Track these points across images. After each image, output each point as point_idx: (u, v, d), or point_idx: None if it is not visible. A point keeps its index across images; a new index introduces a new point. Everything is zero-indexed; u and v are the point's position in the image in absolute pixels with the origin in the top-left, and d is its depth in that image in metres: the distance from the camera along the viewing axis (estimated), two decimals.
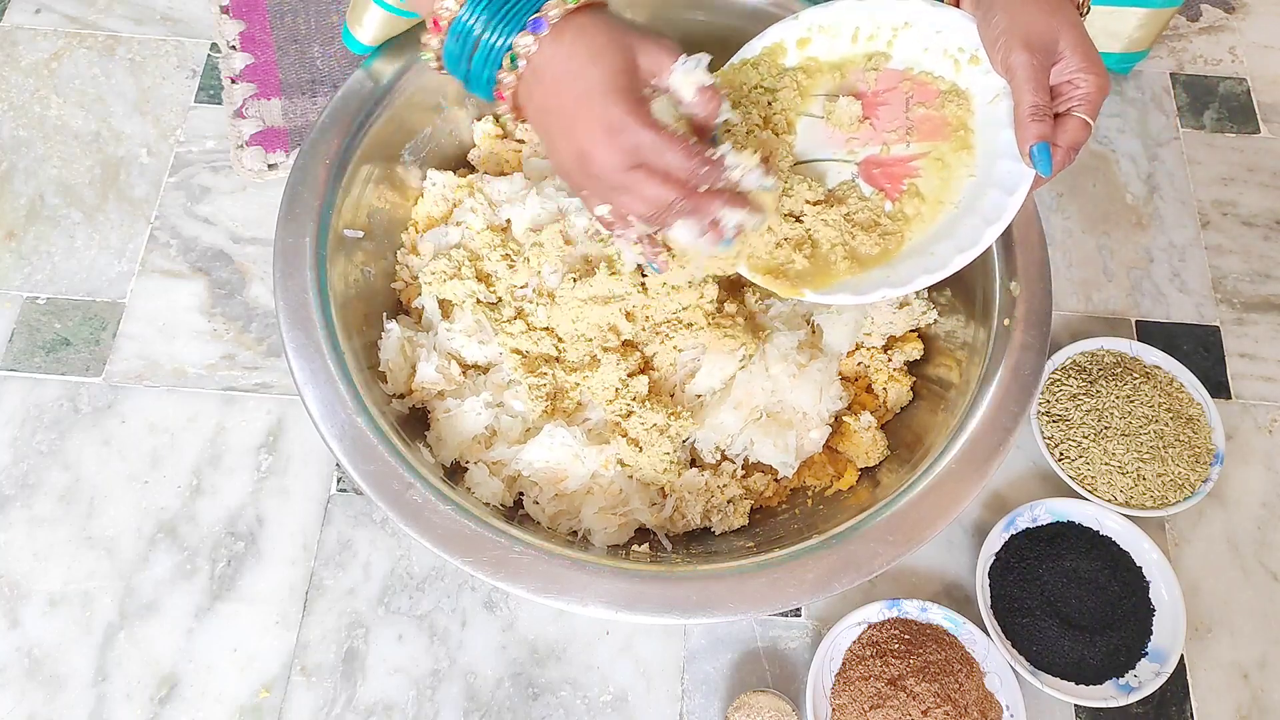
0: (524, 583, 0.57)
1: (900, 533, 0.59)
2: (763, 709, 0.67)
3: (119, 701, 0.70)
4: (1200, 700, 0.72)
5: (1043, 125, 0.55)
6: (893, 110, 0.64)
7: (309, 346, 0.62)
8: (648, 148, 0.51)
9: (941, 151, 0.62)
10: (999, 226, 0.57)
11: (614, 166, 0.52)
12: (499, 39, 0.52)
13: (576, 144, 0.52)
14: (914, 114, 0.63)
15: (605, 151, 0.51)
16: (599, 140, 0.51)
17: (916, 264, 0.59)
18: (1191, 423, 0.78)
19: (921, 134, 0.63)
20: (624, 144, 0.51)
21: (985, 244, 0.57)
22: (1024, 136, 0.56)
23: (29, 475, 0.77)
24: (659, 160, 0.52)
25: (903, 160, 0.63)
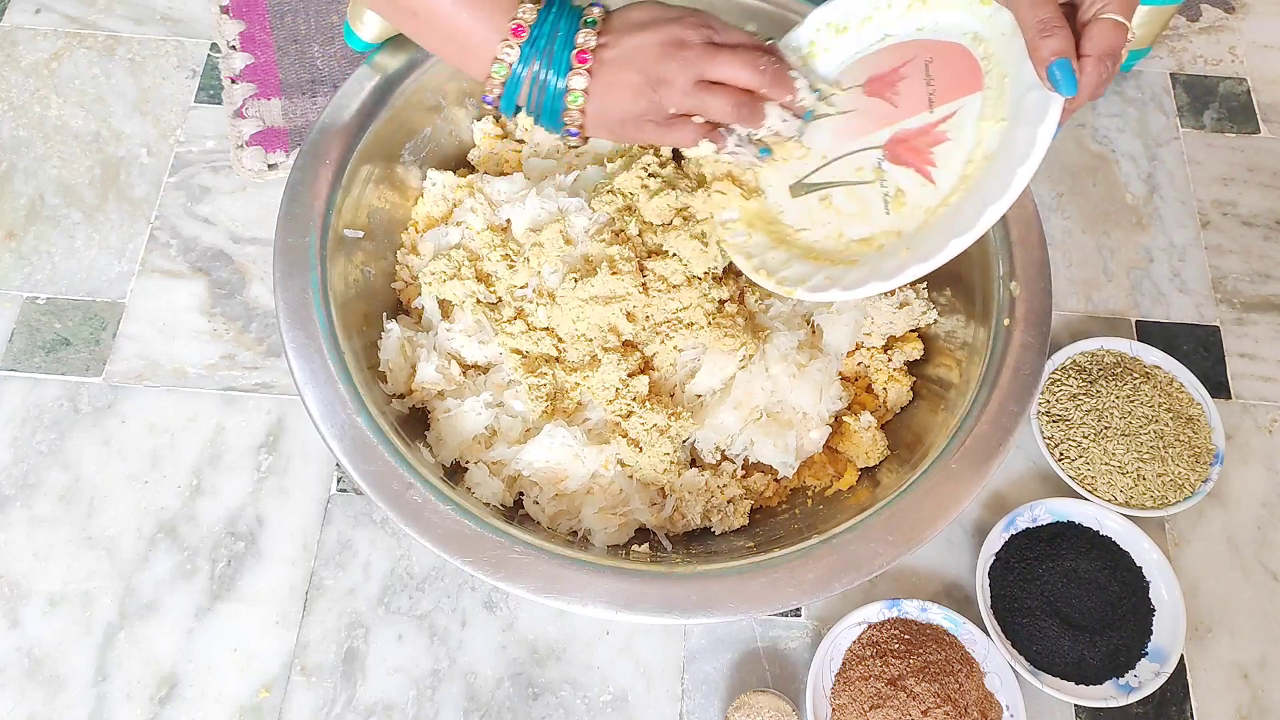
0: (524, 583, 0.57)
1: (900, 533, 0.59)
2: (763, 709, 0.67)
3: (119, 701, 0.70)
4: (1200, 700, 0.72)
5: (1055, 40, 0.50)
6: (913, 82, 0.61)
7: (309, 346, 0.62)
8: (716, 24, 0.59)
9: (974, 105, 0.57)
10: (1029, 167, 0.51)
11: (699, 40, 0.58)
12: (556, 79, 0.59)
13: (656, 73, 0.58)
14: (934, 76, 0.60)
15: (686, 30, 0.58)
16: (678, 30, 0.58)
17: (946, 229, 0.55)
18: (1191, 423, 0.78)
19: (945, 94, 0.59)
20: (695, 21, 0.58)
21: (1016, 190, 0.52)
22: (1038, 59, 0.50)
23: (29, 475, 0.77)
24: (726, 34, 0.59)
25: (928, 128, 0.60)
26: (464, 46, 0.59)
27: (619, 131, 0.61)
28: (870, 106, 0.63)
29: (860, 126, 0.63)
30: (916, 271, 0.55)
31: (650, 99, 0.59)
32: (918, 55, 0.62)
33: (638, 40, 0.59)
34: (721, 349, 0.67)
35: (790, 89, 0.61)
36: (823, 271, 0.60)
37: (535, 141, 0.79)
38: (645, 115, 0.59)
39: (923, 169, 0.59)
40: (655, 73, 0.58)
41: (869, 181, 0.62)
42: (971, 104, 0.57)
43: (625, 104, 0.59)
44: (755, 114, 0.60)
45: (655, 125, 0.60)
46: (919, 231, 0.57)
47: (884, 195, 0.60)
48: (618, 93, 0.59)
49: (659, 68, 0.58)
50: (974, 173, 0.56)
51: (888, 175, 0.61)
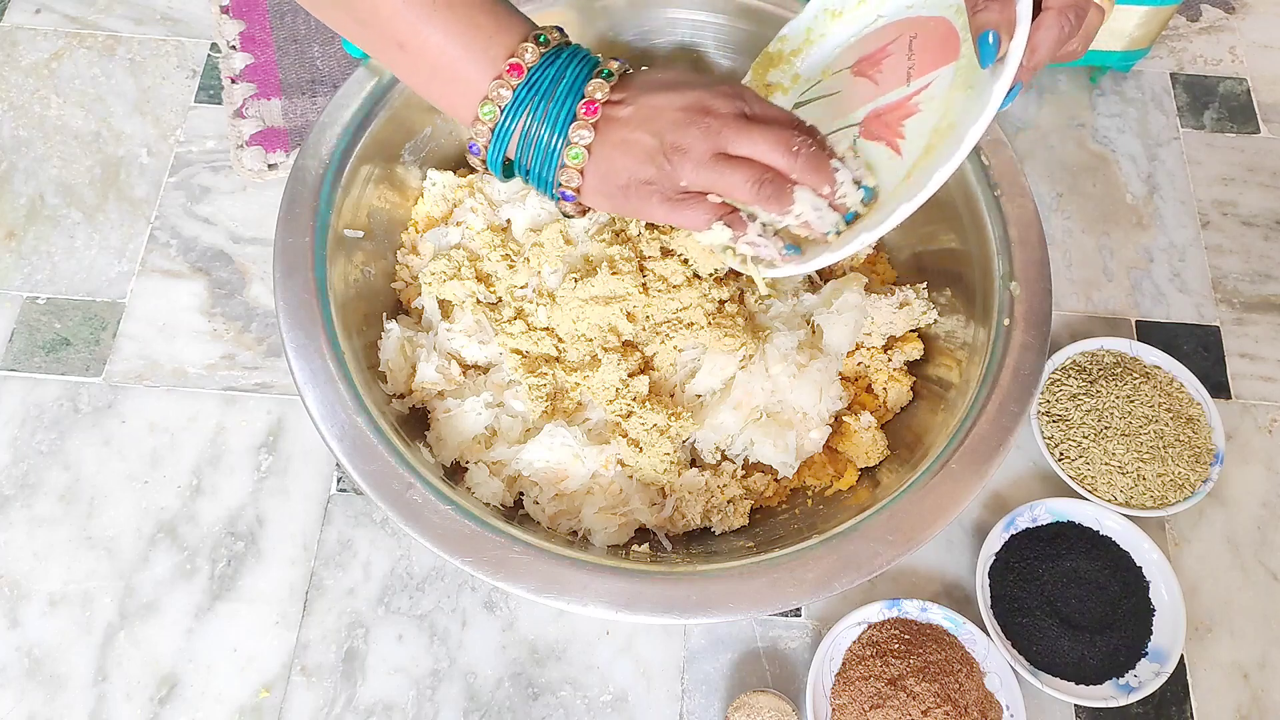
0: (524, 583, 0.57)
1: (900, 533, 0.59)
2: (763, 709, 0.67)
3: (119, 701, 0.70)
4: (1200, 700, 0.72)
5: (988, 13, 0.47)
6: (896, 59, 0.59)
7: (309, 346, 0.62)
8: (749, 95, 0.52)
9: (948, 75, 0.55)
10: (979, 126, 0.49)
11: (728, 110, 0.51)
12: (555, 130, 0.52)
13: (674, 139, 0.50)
14: (915, 51, 0.58)
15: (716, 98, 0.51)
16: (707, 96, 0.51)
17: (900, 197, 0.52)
18: (1191, 423, 0.78)
19: (922, 67, 0.57)
20: (728, 91, 0.51)
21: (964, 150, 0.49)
22: (974, 31, 0.48)
23: (29, 475, 0.77)
24: (761, 108, 0.52)
25: (903, 101, 0.57)
26: (452, 83, 0.53)
27: (620, 202, 0.53)
28: (854, 86, 0.60)
29: (842, 106, 0.60)
30: (864, 240, 0.52)
31: (661, 167, 0.51)
32: (904, 33, 0.60)
33: (657, 100, 0.51)
34: (721, 349, 0.67)
35: (829, 179, 0.52)
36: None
37: None
38: (653, 185, 0.52)
39: (892, 142, 0.56)
40: (671, 138, 0.50)
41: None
42: (945, 75, 0.55)
43: (631, 169, 0.51)
44: (781, 197, 0.51)
45: (663, 199, 0.52)
46: (882, 203, 0.55)
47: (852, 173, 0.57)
48: (625, 156, 0.51)
49: (676, 134, 0.50)
50: (937, 142, 0.53)
51: (860, 151, 0.57)
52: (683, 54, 0.82)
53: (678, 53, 0.82)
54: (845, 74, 0.63)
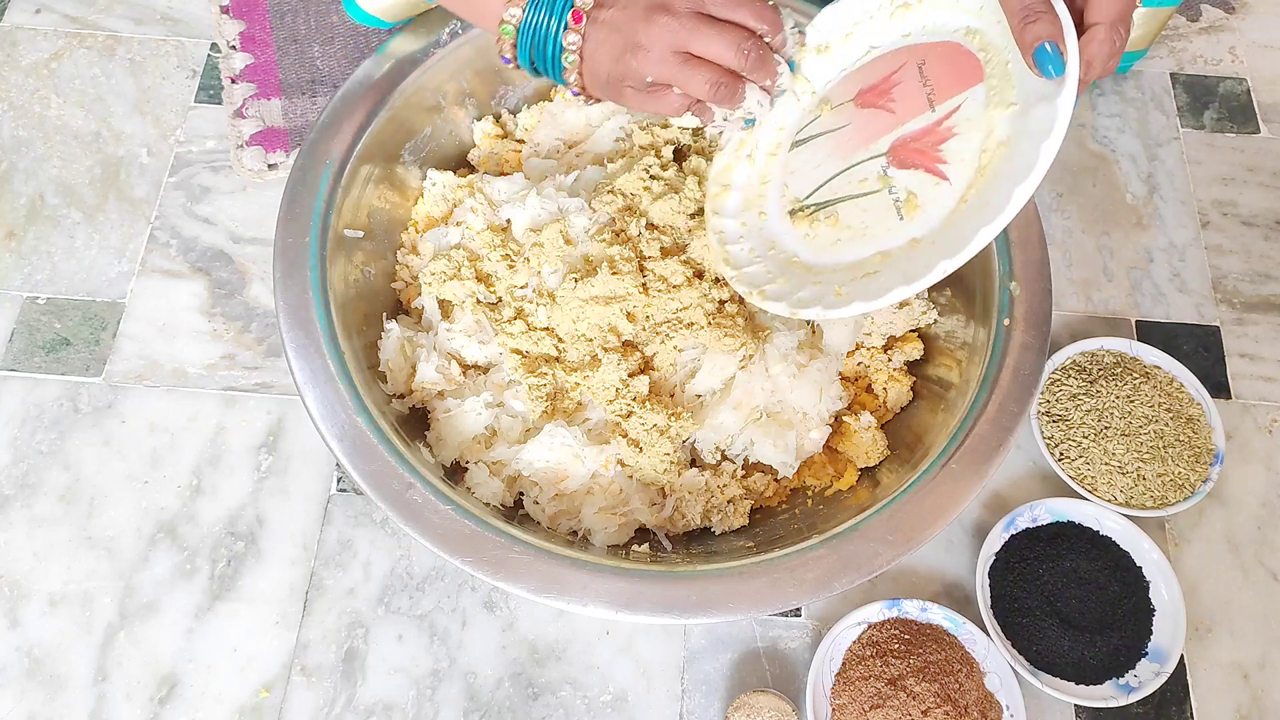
0: (524, 583, 0.57)
1: (900, 533, 0.59)
2: (763, 709, 0.67)
3: (119, 701, 0.70)
4: (1200, 700, 0.72)
5: (1040, 24, 0.49)
6: (907, 86, 0.59)
7: (309, 346, 0.62)
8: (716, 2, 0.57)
9: (979, 95, 0.55)
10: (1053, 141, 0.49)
11: (684, 8, 0.56)
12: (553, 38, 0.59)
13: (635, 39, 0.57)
14: (929, 76, 0.59)
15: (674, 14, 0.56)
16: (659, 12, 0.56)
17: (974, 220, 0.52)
18: (1191, 423, 0.78)
19: (944, 91, 0.57)
20: (690, 4, 0.57)
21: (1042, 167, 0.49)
22: (1024, 46, 0.49)
23: (29, 475, 0.77)
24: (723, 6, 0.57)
25: (933, 127, 0.57)
26: (477, 7, 0.62)
27: (607, 93, 0.60)
28: (866, 118, 0.61)
29: (858, 139, 0.61)
30: (946, 268, 0.52)
31: (628, 64, 0.58)
32: (909, 60, 0.60)
33: (631, 3, 0.58)
34: (721, 349, 0.67)
35: (772, 73, 0.60)
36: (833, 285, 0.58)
37: (535, 141, 0.79)
38: (625, 80, 0.59)
39: (933, 168, 0.56)
40: (634, 38, 0.57)
41: (874, 191, 0.59)
42: (976, 95, 0.56)
43: (608, 66, 0.58)
44: (733, 96, 0.58)
45: (635, 91, 0.59)
46: (943, 229, 0.55)
47: (894, 202, 0.58)
48: (603, 54, 0.58)
49: (638, 33, 0.57)
50: (991, 161, 0.53)
51: (895, 181, 0.58)
52: None
53: None
54: (848, 107, 0.62)
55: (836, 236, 0.60)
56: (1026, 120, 0.52)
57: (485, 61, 0.77)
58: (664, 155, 0.73)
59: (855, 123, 0.61)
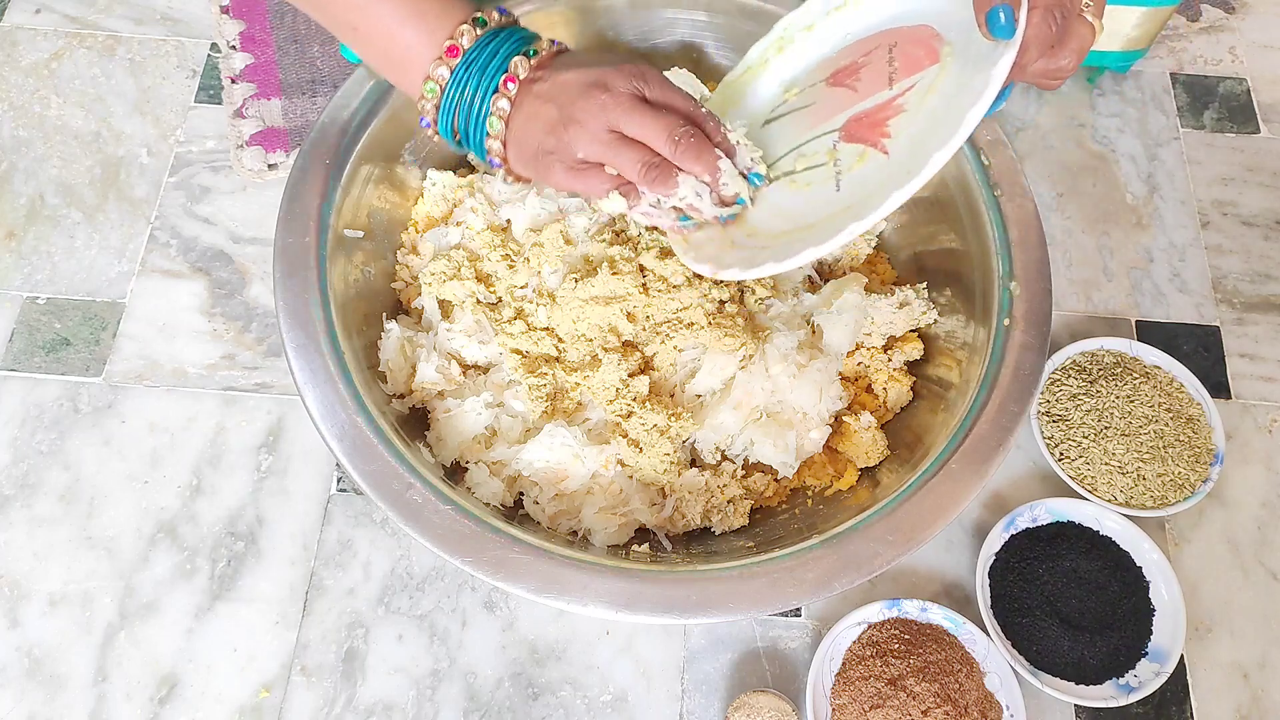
0: (524, 583, 0.57)
1: (900, 533, 0.59)
2: (763, 709, 0.67)
3: (119, 701, 0.70)
4: (1200, 700, 0.72)
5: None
6: (875, 67, 0.60)
7: (309, 346, 0.62)
8: (653, 79, 0.56)
9: (931, 76, 0.56)
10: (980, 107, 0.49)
11: (625, 88, 0.55)
12: (480, 102, 0.58)
13: (587, 82, 0.55)
14: (897, 57, 0.59)
15: (613, 76, 0.55)
16: (606, 74, 0.55)
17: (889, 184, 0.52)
18: (1191, 423, 0.78)
19: (905, 70, 0.58)
20: (628, 71, 0.55)
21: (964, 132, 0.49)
22: (979, 6, 0.48)
23: (29, 475, 0.77)
24: (660, 92, 0.56)
25: (887, 104, 0.58)
26: (401, 64, 0.59)
27: (533, 168, 0.59)
28: (831, 96, 0.62)
29: (819, 116, 0.62)
30: (855, 229, 0.52)
31: (560, 138, 0.56)
32: (883, 43, 0.61)
33: (567, 77, 0.57)
34: (721, 349, 0.67)
35: (710, 168, 0.57)
36: (762, 250, 0.58)
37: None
38: (554, 155, 0.57)
39: (876, 142, 0.57)
40: (569, 111, 0.56)
41: (820, 164, 0.59)
42: (929, 74, 0.56)
43: (538, 139, 0.57)
44: (665, 181, 0.56)
45: (565, 168, 0.57)
46: (863, 195, 0.55)
47: (836, 175, 0.58)
48: (533, 126, 0.57)
49: (574, 108, 0.56)
50: (927, 134, 0.53)
51: (840, 155, 0.58)
52: (683, 54, 0.82)
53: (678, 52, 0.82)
54: (820, 86, 0.63)
55: (781, 204, 0.60)
56: (961, 89, 0.52)
57: None
58: None
59: (820, 100, 0.63)
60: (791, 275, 0.74)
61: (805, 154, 0.61)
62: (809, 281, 0.75)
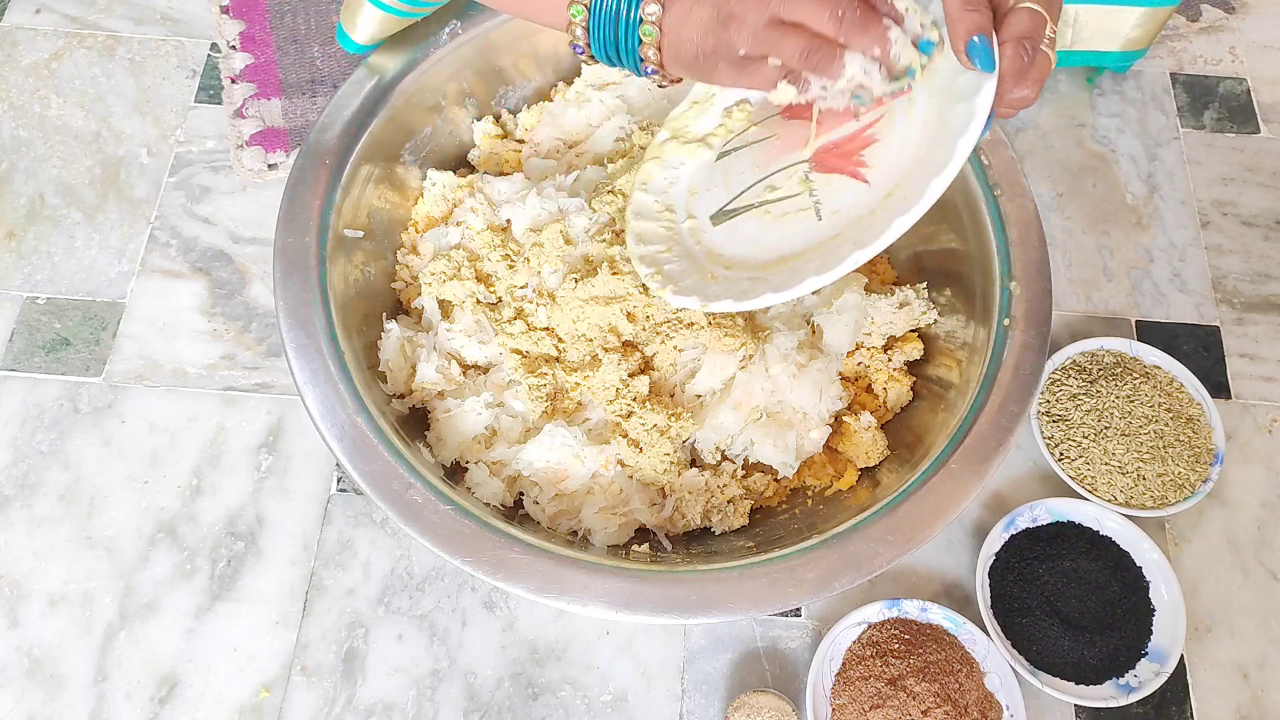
0: (524, 583, 0.57)
1: (900, 533, 0.59)
2: (763, 709, 0.67)
3: (119, 701, 0.70)
4: (1200, 700, 0.72)
5: (976, 15, 0.48)
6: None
7: (309, 346, 0.62)
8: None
9: (901, 105, 0.56)
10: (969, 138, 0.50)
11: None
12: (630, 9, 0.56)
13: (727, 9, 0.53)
14: None
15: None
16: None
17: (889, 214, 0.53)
18: (1191, 423, 0.78)
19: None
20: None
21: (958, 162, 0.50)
22: (956, 35, 0.48)
23: (29, 475, 0.77)
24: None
25: (856, 134, 0.57)
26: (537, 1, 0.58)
27: (694, 69, 0.57)
28: (791, 129, 0.61)
29: (782, 148, 0.61)
30: (859, 257, 0.52)
31: (720, 36, 0.54)
32: None
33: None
34: (721, 349, 0.67)
35: (878, 39, 0.53)
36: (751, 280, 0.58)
37: (535, 141, 0.79)
38: (717, 53, 0.55)
39: (854, 172, 0.57)
40: (727, 8, 0.53)
41: (795, 194, 0.59)
42: (899, 105, 0.56)
43: (696, 40, 0.55)
44: (830, 63, 0.53)
45: (728, 65, 0.55)
46: (859, 223, 0.55)
47: (815, 204, 0.58)
48: (689, 28, 0.55)
49: (731, 3, 0.53)
50: (914, 163, 0.54)
51: (815, 185, 0.59)
52: None
53: None
54: (775, 120, 0.63)
55: (757, 235, 0.61)
56: (946, 119, 0.52)
57: (485, 61, 0.77)
58: None
59: (780, 133, 0.62)
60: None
61: (775, 185, 0.61)
62: None
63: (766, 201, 0.61)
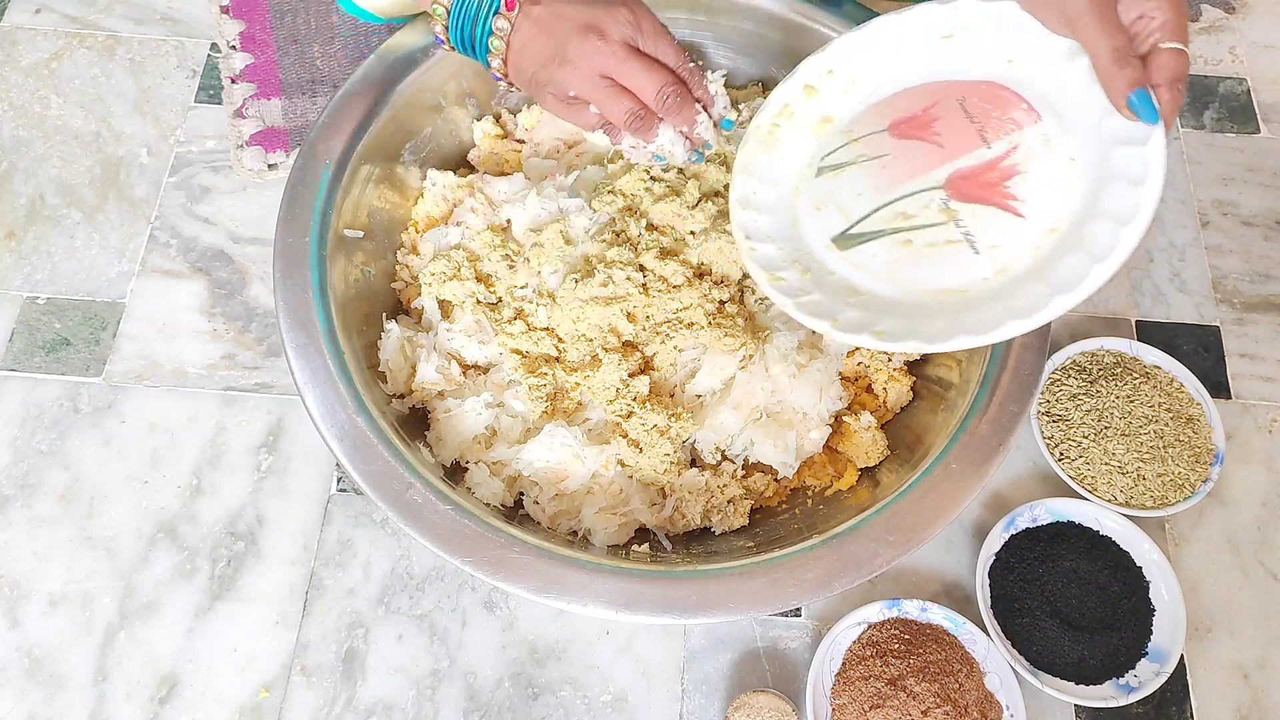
0: (524, 583, 0.57)
1: (900, 533, 0.59)
2: (763, 709, 0.67)
3: (119, 701, 0.70)
4: (1200, 700, 0.72)
5: (1132, 69, 0.49)
6: (951, 120, 0.59)
7: (309, 346, 0.62)
8: (647, 28, 0.58)
9: (1034, 136, 0.56)
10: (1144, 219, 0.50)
11: (619, 36, 0.58)
12: (484, 19, 0.60)
13: (585, 20, 0.58)
14: (974, 113, 0.58)
15: (609, 22, 0.57)
16: (602, 17, 0.58)
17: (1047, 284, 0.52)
18: (1191, 423, 0.78)
19: (997, 129, 0.57)
20: (623, 18, 0.57)
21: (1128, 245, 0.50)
22: (1115, 89, 0.49)
23: (29, 475, 0.77)
24: (653, 43, 0.58)
25: (993, 163, 0.57)
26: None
27: (530, 90, 0.62)
28: (908, 149, 0.60)
29: (904, 171, 0.59)
30: (1059, 306, 0.51)
31: (555, 74, 0.59)
32: (945, 96, 0.60)
33: (565, 9, 0.59)
34: (721, 349, 0.67)
35: (688, 120, 0.62)
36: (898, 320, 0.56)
37: (535, 141, 0.79)
38: (547, 86, 0.60)
39: (1004, 204, 0.56)
40: (564, 51, 0.58)
41: (937, 223, 0.57)
42: (1032, 136, 0.56)
43: (533, 67, 0.60)
44: (647, 130, 0.61)
45: (556, 99, 0.61)
46: (1042, 267, 0.54)
47: (966, 236, 0.56)
48: (529, 53, 0.60)
49: (569, 46, 0.58)
50: (1065, 198, 0.54)
51: (960, 214, 0.57)
52: None
53: None
54: (882, 137, 0.61)
55: (896, 267, 0.58)
56: (1109, 162, 0.53)
57: None
58: None
59: (896, 154, 0.60)
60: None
61: (909, 212, 0.58)
62: None
63: (902, 230, 0.58)
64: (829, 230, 0.61)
